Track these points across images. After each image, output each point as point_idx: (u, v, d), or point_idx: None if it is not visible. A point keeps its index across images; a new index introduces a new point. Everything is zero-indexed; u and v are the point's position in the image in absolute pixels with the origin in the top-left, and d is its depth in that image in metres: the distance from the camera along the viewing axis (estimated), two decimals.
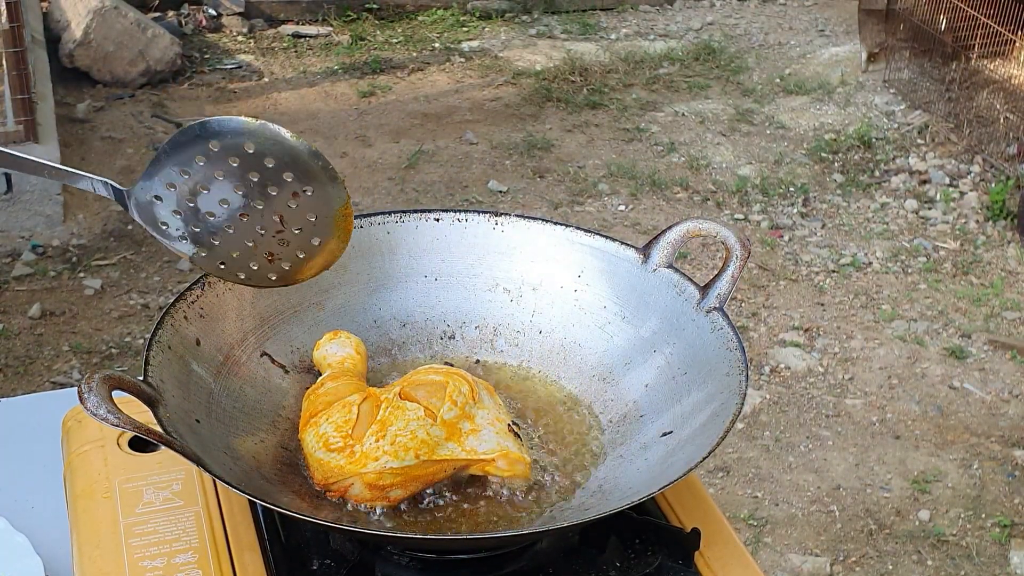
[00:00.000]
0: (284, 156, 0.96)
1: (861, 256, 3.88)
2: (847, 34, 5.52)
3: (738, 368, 1.00)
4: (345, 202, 0.99)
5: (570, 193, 4.18)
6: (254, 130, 0.95)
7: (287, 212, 0.98)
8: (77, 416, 1.10)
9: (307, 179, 0.97)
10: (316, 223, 0.99)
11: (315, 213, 0.98)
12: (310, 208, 0.98)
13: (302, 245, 1.00)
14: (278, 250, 1.00)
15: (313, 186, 0.97)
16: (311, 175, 0.97)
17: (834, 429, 3.13)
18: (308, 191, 0.97)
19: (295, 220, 0.99)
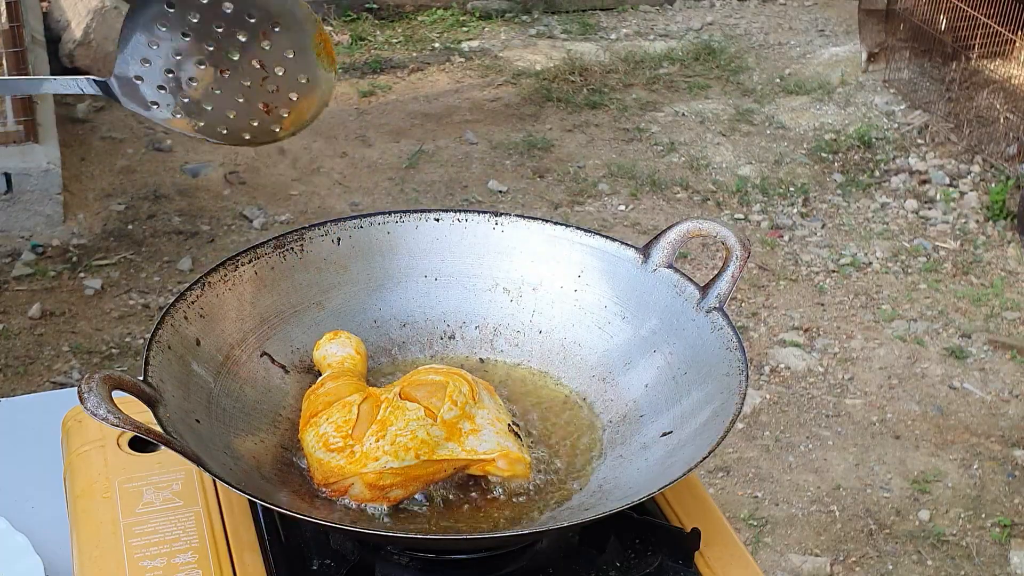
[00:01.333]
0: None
1: (861, 256, 3.88)
2: (847, 34, 5.52)
3: (738, 368, 1.00)
4: (317, 29, 0.95)
5: (570, 193, 4.18)
6: None
7: (264, 55, 0.96)
8: (77, 416, 1.10)
9: (270, 14, 0.94)
10: (296, 59, 0.96)
11: (291, 48, 0.96)
12: (284, 44, 0.95)
13: (292, 86, 0.97)
14: (270, 98, 0.98)
15: (279, 20, 0.94)
16: (273, 9, 0.94)
17: (834, 429, 3.13)
18: (276, 27, 0.94)
19: (275, 62, 0.96)
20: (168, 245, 3.68)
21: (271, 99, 0.98)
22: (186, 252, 3.65)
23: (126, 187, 3.97)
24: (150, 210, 3.86)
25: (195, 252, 3.67)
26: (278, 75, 0.97)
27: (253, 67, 0.96)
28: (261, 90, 0.97)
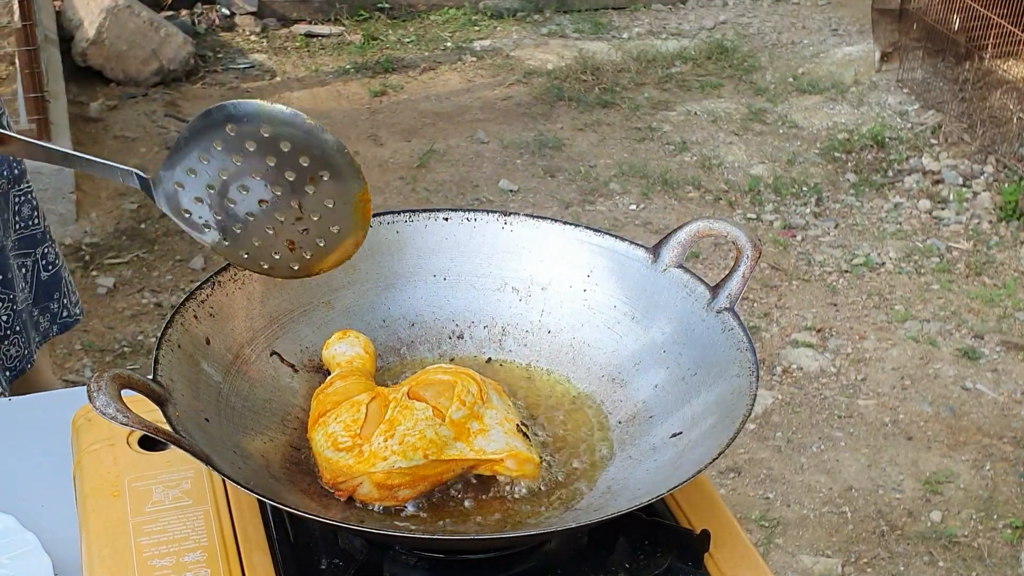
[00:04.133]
0: (299, 140, 0.94)
1: (874, 256, 3.87)
2: (860, 33, 5.50)
3: (749, 369, 1.00)
4: (363, 188, 0.97)
5: (581, 192, 4.17)
6: (270, 113, 0.94)
7: (305, 198, 0.97)
8: (87, 415, 1.10)
9: (323, 164, 0.95)
10: (334, 210, 0.97)
11: (332, 199, 0.97)
12: (327, 194, 0.97)
13: (322, 233, 0.99)
14: (298, 238, 0.99)
15: (329, 171, 0.96)
16: (327, 159, 0.95)
17: (846, 430, 3.13)
18: (324, 176, 0.96)
19: (313, 207, 0.97)
20: (180, 244, 3.69)
21: (299, 239, 1.00)
22: (198, 251, 3.66)
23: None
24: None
25: (207, 251, 3.67)
26: (313, 219, 0.99)
27: (292, 206, 0.98)
28: (292, 228, 0.99)
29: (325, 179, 0.96)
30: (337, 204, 0.98)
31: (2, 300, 1.52)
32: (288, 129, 0.94)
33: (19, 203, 1.55)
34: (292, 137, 0.95)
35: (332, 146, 0.95)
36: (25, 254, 1.59)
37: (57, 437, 1.14)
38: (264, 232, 1.00)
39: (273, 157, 0.96)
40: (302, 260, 1.01)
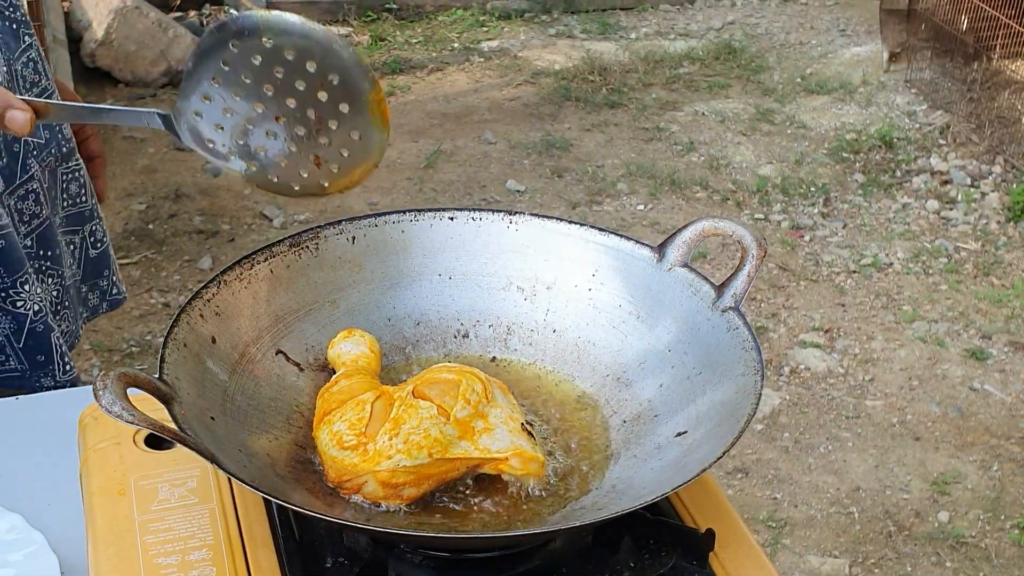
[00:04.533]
0: (302, 44, 0.92)
1: (882, 257, 3.87)
2: (868, 34, 5.50)
3: (753, 368, 1.00)
4: (375, 87, 0.95)
5: (589, 193, 4.17)
6: (269, 22, 0.92)
7: (319, 106, 0.95)
8: (94, 413, 1.10)
9: (329, 66, 0.93)
10: (350, 114, 0.96)
11: (346, 102, 0.95)
12: (340, 97, 0.95)
13: (344, 141, 0.97)
14: (322, 151, 0.97)
15: (338, 73, 0.94)
16: (333, 61, 0.93)
17: (854, 430, 3.12)
18: (334, 79, 0.94)
19: (329, 113, 0.95)
20: (189, 244, 3.70)
21: (323, 152, 0.98)
22: (206, 251, 3.67)
23: (147, 187, 3.99)
24: (171, 209, 3.87)
25: (215, 251, 3.68)
26: (331, 128, 0.96)
27: (308, 117, 0.96)
28: (314, 142, 0.97)
29: (335, 83, 0.94)
30: (352, 108, 0.95)
31: (51, 276, 1.53)
32: (289, 37, 0.93)
33: (67, 180, 1.55)
34: (295, 44, 0.93)
35: (336, 47, 0.93)
36: (73, 231, 1.59)
37: (64, 436, 1.14)
38: (288, 150, 0.98)
39: (280, 67, 0.94)
40: (330, 175, 0.99)
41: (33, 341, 1.44)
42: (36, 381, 1.47)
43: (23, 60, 1.48)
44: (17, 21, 1.46)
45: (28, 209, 1.48)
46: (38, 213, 1.49)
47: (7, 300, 1.41)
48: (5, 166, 1.43)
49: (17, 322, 1.43)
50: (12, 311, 1.42)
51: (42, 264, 1.51)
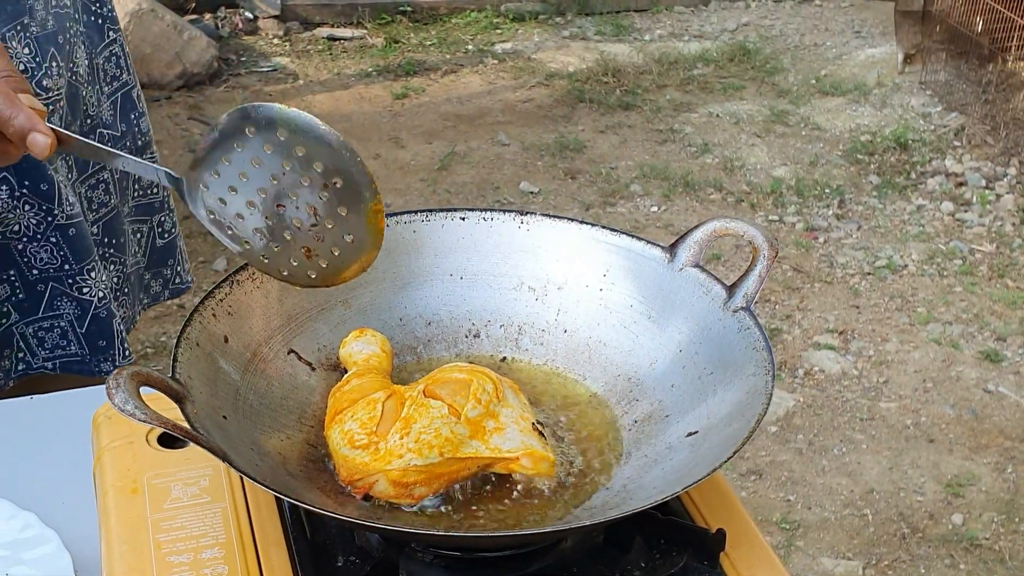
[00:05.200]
0: (314, 145, 0.96)
1: (897, 258, 3.86)
2: (883, 35, 5.49)
3: (765, 368, 1.00)
4: (375, 198, 0.98)
5: (602, 194, 4.17)
6: (286, 117, 0.96)
7: (319, 204, 0.99)
8: (107, 412, 1.11)
9: (336, 171, 0.97)
10: (347, 219, 0.99)
11: (345, 207, 0.99)
12: (340, 201, 0.98)
13: (336, 241, 1.00)
14: (315, 245, 1.01)
15: (342, 178, 0.97)
16: (340, 167, 0.97)
17: (868, 432, 3.11)
18: (337, 183, 0.97)
19: (327, 214, 0.99)
20: (203, 245, 3.71)
21: (315, 246, 1.01)
22: (220, 253, 3.68)
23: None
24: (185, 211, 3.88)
25: (229, 253, 3.69)
26: (327, 227, 1.00)
27: (306, 212, 1.00)
28: (308, 235, 1.01)
29: (338, 186, 0.98)
30: (350, 213, 0.99)
31: (114, 262, 1.58)
32: (303, 135, 0.96)
33: None
34: (307, 143, 0.96)
35: (345, 154, 0.97)
36: (141, 220, 1.65)
37: (78, 434, 1.15)
38: (282, 237, 1.01)
39: (289, 161, 0.98)
40: (319, 269, 1.02)
41: (96, 327, 1.50)
42: (96, 366, 1.52)
43: (105, 55, 1.55)
44: (103, 17, 1.52)
45: (98, 198, 1.54)
46: (107, 202, 1.55)
47: (73, 286, 1.47)
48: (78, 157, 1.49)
49: (82, 307, 1.48)
50: (78, 297, 1.47)
51: (106, 251, 1.57)
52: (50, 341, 1.50)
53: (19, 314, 1.47)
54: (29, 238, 1.43)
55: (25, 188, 1.40)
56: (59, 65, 1.41)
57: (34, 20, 1.38)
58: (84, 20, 1.49)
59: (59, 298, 1.47)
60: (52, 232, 1.43)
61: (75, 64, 1.45)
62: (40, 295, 1.46)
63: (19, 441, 1.27)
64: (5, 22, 1.34)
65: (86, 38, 1.49)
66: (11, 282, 1.45)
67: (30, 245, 1.43)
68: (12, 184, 1.39)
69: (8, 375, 1.50)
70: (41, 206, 1.41)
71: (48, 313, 1.48)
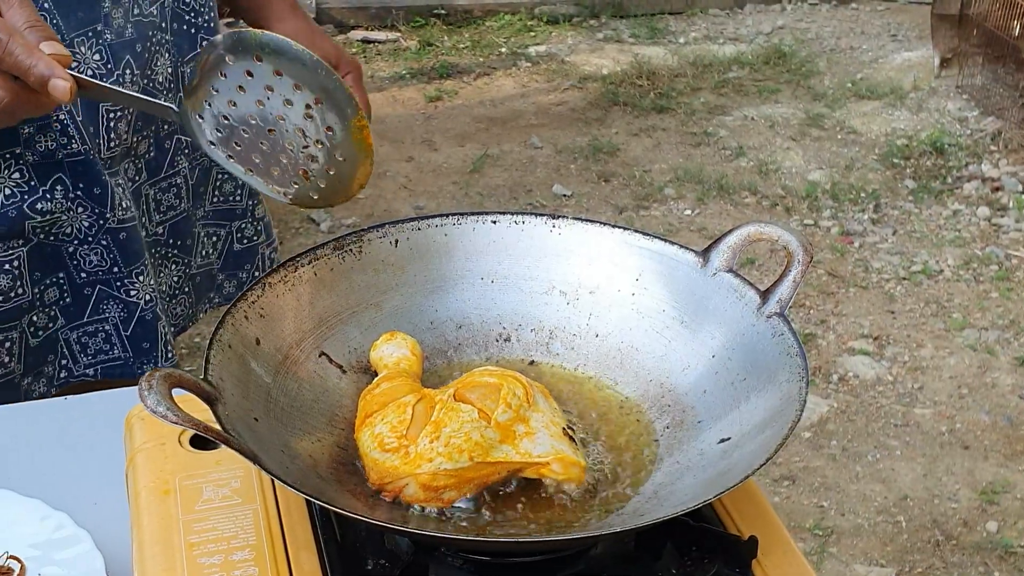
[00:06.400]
0: (290, 66, 0.98)
1: (932, 264, 3.83)
2: (920, 39, 5.45)
3: (799, 375, 0.99)
4: (357, 114, 1.00)
5: (635, 197, 4.16)
6: (261, 41, 0.98)
7: (306, 125, 1.01)
8: (140, 414, 1.11)
9: (316, 90, 0.99)
10: (334, 137, 1.01)
11: (331, 126, 1.00)
12: (325, 120, 1.00)
13: (329, 161, 1.02)
14: (310, 166, 1.03)
15: (323, 96, 0.99)
16: (319, 85, 0.98)
17: (902, 439, 3.09)
18: (319, 102, 0.99)
19: (315, 133, 1.01)
20: None
21: (311, 167, 1.03)
22: None
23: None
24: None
25: None
26: (317, 147, 1.02)
27: (296, 134, 1.02)
28: (302, 156, 1.03)
29: (320, 106, 0.99)
30: (336, 131, 1.00)
31: (176, 263, 1.61)
32: (278, 57, 0.98)
33: (222, 180, 1.63)
34: (282, 64, 0.98)
35: (321, 72, 0.98)
36: (219, 225, 1.67)
37: (111, 435, 1.15)
38: (279, 160, 1.03)
39: (270, 85, 1.00)
40: (318, 189, 1.04)
41: (141, 328, 1.51)
42: (139, 368, 1.53)
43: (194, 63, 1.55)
44: (198, 27, 1.53)
45: (167, 201, 1.56)
46: (175, 206, 1.57)
47: (121, 289, 1.48)
48: (152, 159, 1.51)
49: (128, 310, 1.49)
50: (125, 299, 1.49)
51: (169, 251, 1.59)
52: (93, 346, 1.51)
53: (65, 319, 1.48)
54: (80, 240, 1.44)
55: (80, 191, 1.41)
56: (133, 73, 1.42)
57: (109, 28, 1.39)
58: (173, 28, 1.50)
59: (105, 301, 1.49)
60: (103, 235, 1.44)
61: (154, 72, 1.47)
62: (87, 299, 1.48)
63: (53, 442, 1.27)
64: (74, 28, 1.35)
65: (173, 46, 1.50)
66: (60, 285, 1.46)
67: (80, 248, 1.44)
68: (67, 185, 1.41)
69: (51, 383, 1.50)
70: (94, 209, 1.42)
71: (93, 317, 1.49)
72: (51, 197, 1.40)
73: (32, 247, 1.41)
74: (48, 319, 1.47)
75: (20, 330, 1.45)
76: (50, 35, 1.10)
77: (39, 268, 1.44)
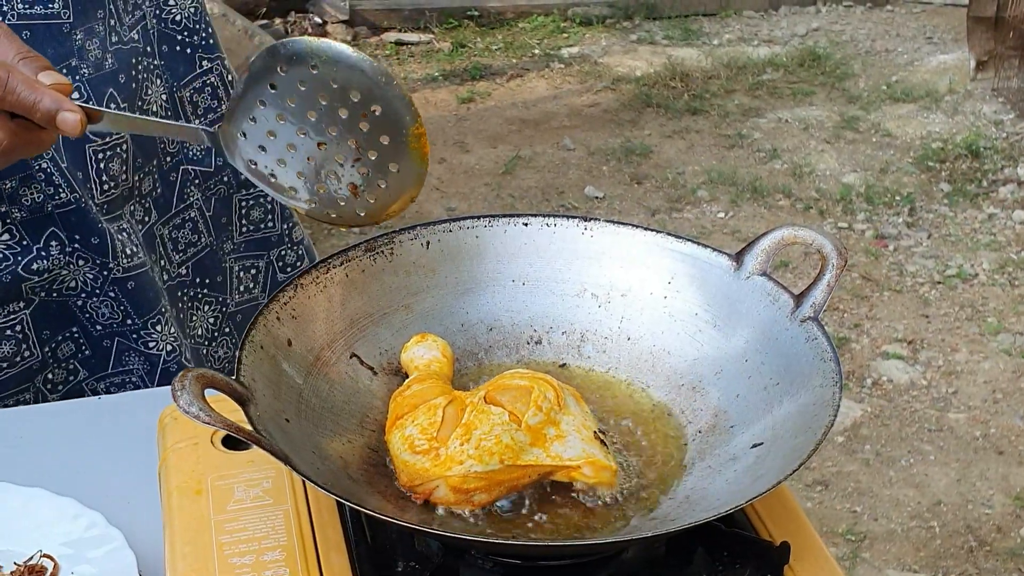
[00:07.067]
0: (348, 75, 0.94)
1: (967, 267, 3.80)
2: (955, 42, 5.41)
3: (832, 379, 0.98)
4: (416, 121, 0.96)
5: (668, 200, 4.15)
6: (316, 49, 0.94)
7: (360, 137, 0.97)
8: (173, 414, 1.11)
9: (373, 98, 0.95)
10: (390, 147, 0.97)
11: (387, 135, 0.96)
12: (381, 130, 0.96)
13: (381, 173, 0.99)
14: (360, 180, 0.99)
15: (380, 104, 0.95)
16: (377, 93, 0.95)
17: (936, 444, 3.07)
18: (376, 110, 0.95)
19: (369, 144, 0.97)
20: None
21: (361, 181, 0.99)
22: None
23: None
24: None
25: None
26: (371, 159, 0.98)
27: (348, 146, 0.98)
28: (352, 171, 0.99)
29: (377, 114, 0.95)
30: (392, 140, 0.96)
31: (209, 303, 1.52)
32: (335, 65, 0.94)
33: (247, 207, 1.54)
34: (340, 73, 0.94)
35: (381, 79, 0.94)
36: (255, 256, 1.57)
37: (144, 435, 1.16)
38: (326, 177, 1.00)
39: (325, 95, 0.96)
40: (367, 205, 1.00)
41: (167, 381, 1.43)
42: None
43: (196, 86, 1.46)
44: (193, 46, 1.45)
45: (184, 238, 1.47)
46: (195, 241, 1.49)
47: (139, 341, 1.41)
48: (160, 195, 1.42)
49: (150, 362, 1.43)
50: (145, 352, 1.42)
51: (198, 292, 1.50)
52: None
53: (87, 370, 1.42)
54: (88, 293, 1.36)
55: (76, 243, 1.33)
56: (119, 106, 1.32)
57: (84, 61, 1.30)
58: (162, 51, 1.41)
59: (126, 353, 1.41)
60: (109, 287, 1.36)
61: (145, 102, 1.38)
62: (107, 351, 1.41)
63: (87, 441, 1.28)
64: None
65: (165, 70, 1.41)
66: (75, 339, 1.39)
67: (90, 300, 1.37)
68: (62, 240, 1.32)
69: None
70: (95, 260, 1.34)
71: (118, 368, 1.42)
72: (47, 254, 1.31)
73: (36, 307, 1.34)
74: (67, 373, 1.41)
75: (34, 390, 1.39)
76: (45, 64, 1.03)
77: (47, 327, 1.36)
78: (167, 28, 1.42)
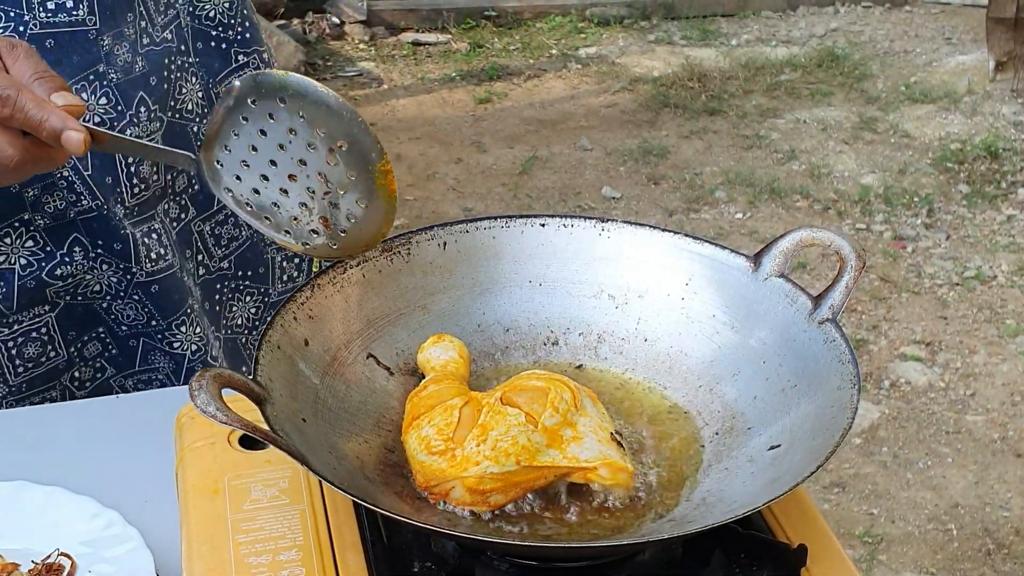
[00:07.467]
0: (314, 109, 0.96)
1: (986, 269, 3.78)
2: (974, 42, 5.38)
3: (850, 382, 0.98)
4: (382, 158, 0.97)
5: (686, 200, 4.15)
6: (285, 83, 0.96)
7: (328, 171, 0.98)
8: (190, 413, 1.12)
9: (339, 133, 0.96)
10: (356, 182, 0.98)
11: (354, 170, 0.98)
12: (348, 165, 0.98)
13: (350, 208, 1.00)
14: (331, 213, 1.01)
15: (346, 140, 0.96)
16: (343, 129, 0.96)
17: (954, 446, 3.06)
18: (342, 146, 0.97)
19: (337, 179, 0.98)
20: None
21: (331, 214, 1.01)
22: None
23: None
24: None
25: None
26: (340, 193, 1.00)
27: (318, 179, 1.00)
28: (323, 203, 1.01)
29: (344, 150, 0.97)
30: (359, 176, 0.98)
31: (251, 294, 1.55)
32: (302, 99, 0.96)
33: None
34: (306, 107, 0.96)
35: (346, 115, 0.96)
36: None
37: (162, 434, 1.16)
38: (297, 208, 1.01)
39: (294, 128, 0.97)
40: (339, 238, 1.02)
41: None
42: None
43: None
44: (229, 40, 1.45)
45: (226, 233, 1.50)
46: (237, 236, 1.51)
47: (164, 342, 1.43)
48: (198, 191, 1.44)
49: (176, 362, 1.44)
50: (170, 352, 1.44)
51: (240, 283, 1.53)
52: None
53: (114, 368, 1.43)
54: (113, 296, 1.38)
55: (100, 248, 1.34)
56: (149, 109, 1.33)
57: (113, 66, 1.30)
58: (198, 48, 1.42)
59: (152, 353, 1.43)
60: (134, 291, 1.38)
61: (178, 101, 1.38)
62: (133, 350, 1.42)
63: (104, 440, 1.29)
64: (71, 74, 1.27)
65: (200, 68, 1.42)
66: (101, 339, 1.41)
67: (115, 303, 1.38)
68: (85, 245, 1.34)
69: None
70: (119, 265, 1.36)
71: (144, 367, 1.44)
72: (70, 260, 1.33)
73: (60, 310, 1.35)
74: (94, 371, 1.42)
75: (60, 388, 1.40)
76: (60, 85, 1.05)
77: (73, 328, 1.38)
78: (201, 24, 1.43)
